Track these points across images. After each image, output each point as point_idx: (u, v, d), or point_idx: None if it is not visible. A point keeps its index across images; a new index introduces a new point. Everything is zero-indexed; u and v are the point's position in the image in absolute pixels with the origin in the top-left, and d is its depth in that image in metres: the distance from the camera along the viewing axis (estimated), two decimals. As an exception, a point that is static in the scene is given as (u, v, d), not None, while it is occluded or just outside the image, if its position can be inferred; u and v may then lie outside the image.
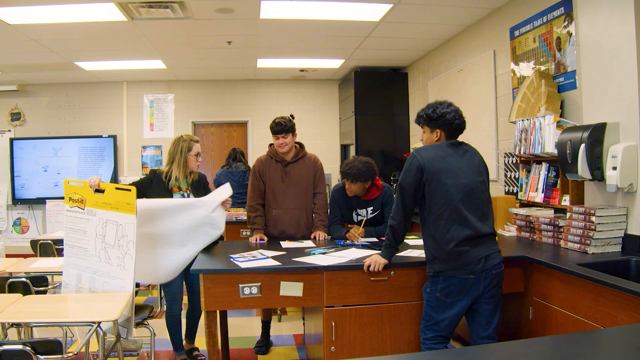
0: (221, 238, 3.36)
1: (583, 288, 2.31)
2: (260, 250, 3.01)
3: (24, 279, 3.18)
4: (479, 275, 2.37)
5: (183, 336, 3.41)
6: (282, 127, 3.37)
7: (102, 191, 2.83)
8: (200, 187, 3.36)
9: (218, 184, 5.08)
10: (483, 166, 2.56)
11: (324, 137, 7.69)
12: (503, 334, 3.03)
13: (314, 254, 2.88)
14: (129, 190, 2.76)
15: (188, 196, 3.26)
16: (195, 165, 3.31)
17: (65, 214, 2.92)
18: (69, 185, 2.93)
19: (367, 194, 3.42)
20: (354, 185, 3.31)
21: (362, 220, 3.45)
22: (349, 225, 3.52)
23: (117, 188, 2.82)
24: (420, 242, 2.82)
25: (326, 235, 3.45)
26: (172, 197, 3.21)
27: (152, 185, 3.25)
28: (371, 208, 3.44)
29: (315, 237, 3.44)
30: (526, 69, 3.90)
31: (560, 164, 3.00)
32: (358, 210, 3.48)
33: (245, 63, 6.46)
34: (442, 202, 2.40)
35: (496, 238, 2.53)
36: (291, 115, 3.52)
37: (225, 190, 3.23)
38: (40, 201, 7.18)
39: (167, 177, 3.25)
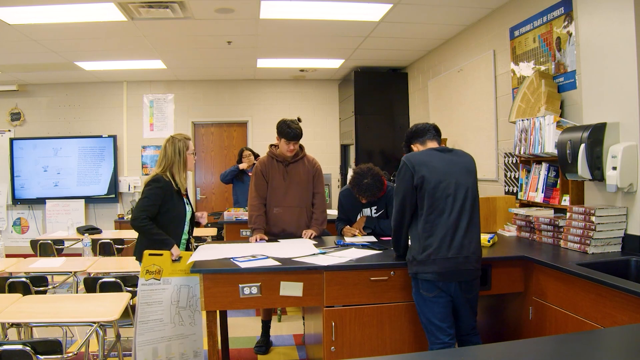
0: (222, 238, 3.35)
1: (583, 288, 2.31)
2: (261, 250, 3.01)
3: (24, 279, 3.19)
4: (449, 283, 2.42)
5: None
6: (298, 135, 3.40)
7: (179, 259, 2.92)
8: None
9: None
10: (473, 179, 2.52)
11: (324, 137, 7.69)
12: (503, 334, 3.03)
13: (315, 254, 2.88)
14: None
15: (188, 203, 3.15)
16: (192, 165, 3.13)
17: (140, 289, 2.85)
18: (149, 257, 2.87)
19: None
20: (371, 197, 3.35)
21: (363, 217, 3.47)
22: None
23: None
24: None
25: (315, 233, 3.47)
26: (183, 203, 3.08)
27: (166, 194, 2.99)
28: (375, 207, 3.47)
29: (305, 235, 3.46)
30: (526, 69, 3.90)
31: (560, 164, 3.00)
32: (363, 210, 3.52)
33: (245, 63, 6.46)
34: (429, 206, 2.41)
35: (486, 241, 2.51)
36: (298, 119, 3.54)
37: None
38: (40, 201, 7.18)
39: (175, 182, 3.02)
